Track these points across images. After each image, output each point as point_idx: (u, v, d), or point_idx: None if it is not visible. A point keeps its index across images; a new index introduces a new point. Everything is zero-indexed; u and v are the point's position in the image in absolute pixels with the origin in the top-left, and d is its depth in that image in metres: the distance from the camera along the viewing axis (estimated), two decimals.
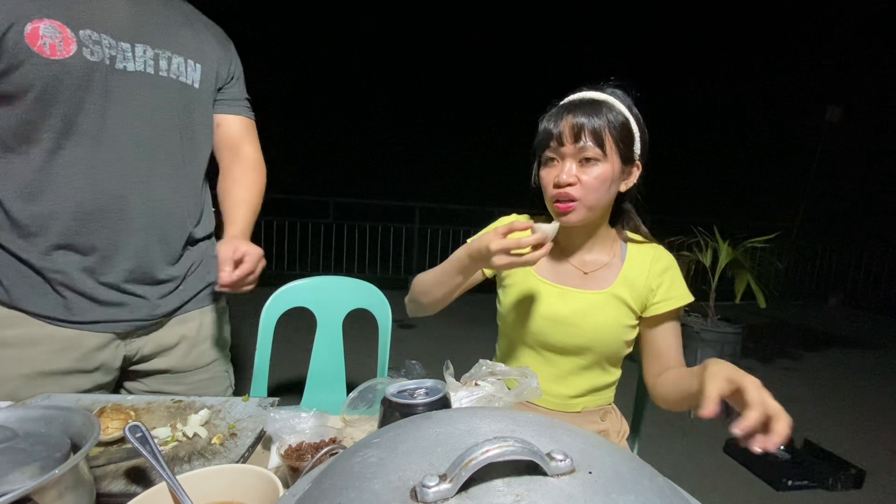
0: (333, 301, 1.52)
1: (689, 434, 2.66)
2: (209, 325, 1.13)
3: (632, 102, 0.97)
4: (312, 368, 1.51)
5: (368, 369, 1.36)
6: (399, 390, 0.64)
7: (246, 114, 1.17)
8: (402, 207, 6.47)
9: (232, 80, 1.12)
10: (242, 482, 0.54)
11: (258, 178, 1.17)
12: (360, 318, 1.57)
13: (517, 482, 0.25)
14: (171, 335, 1.06)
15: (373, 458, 0.28)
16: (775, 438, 0.64)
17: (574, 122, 0.90)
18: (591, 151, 0.90)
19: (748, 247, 2.95)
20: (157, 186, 0.97)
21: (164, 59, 0.94)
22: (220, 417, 0.87)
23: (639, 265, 1.01)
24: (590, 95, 0.95)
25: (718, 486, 2.20)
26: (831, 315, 6.21)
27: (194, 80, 1.00)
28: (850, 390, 3.47)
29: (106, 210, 0.90)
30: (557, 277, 1.03)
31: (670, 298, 0.99)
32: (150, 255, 0.97)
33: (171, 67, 0.96)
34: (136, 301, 0.97)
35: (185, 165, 1.03)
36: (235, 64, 1.13)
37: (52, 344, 0.92)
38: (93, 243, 0.91)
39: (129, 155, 0.92)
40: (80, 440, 0.55)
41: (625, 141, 0.92)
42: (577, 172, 0.91)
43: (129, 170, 0.92)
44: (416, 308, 1.11)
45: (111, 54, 0.88)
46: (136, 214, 0.93)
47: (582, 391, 1.04)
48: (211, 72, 1.04)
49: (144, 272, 0.97)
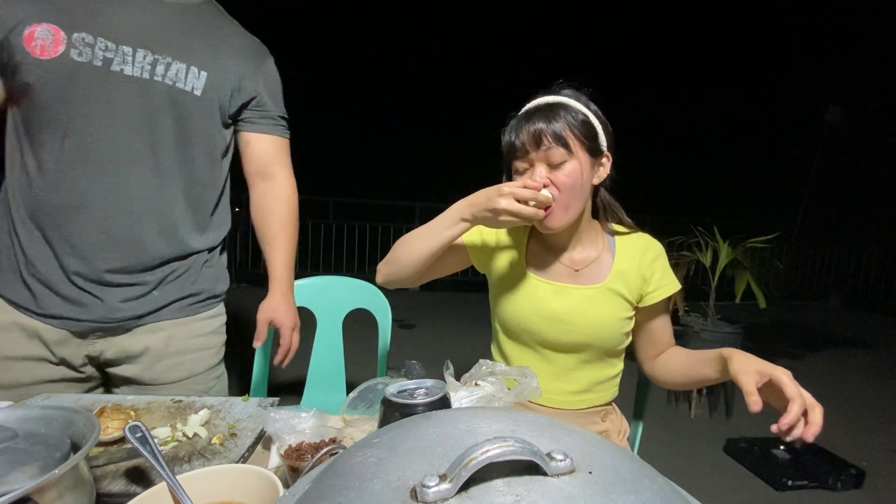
0: (333, 301, 1.52)
1: (689, 434, 2.66)
2: (181, 340, 1.04)
3: (588, 99, 0.98)
4: (312, 368, 1.51)
5: (368, 369, 1.36)
6: (399, 390, 0.64)
7: (278, 132, 1.14)
8: (402, 207, 6.48)
9: (259, 96, 1.08)
10: (242, 482, 0.54)
11: (290, 212, 1.17)
12: (360, 318, 1.57)
13: (517, 482, 0.25)
14: (136, 343, 1.00)
15: (373, 458, 0.28)
16: (814, 428, 0.68)
17: (533, 129, 0.92)
18: (557, 153, 0.91)
19: (748, 247, 2.95)
20: (135, 191, 0.95)
21: (163, 64, 0.94)
22: (220, 417, 0.87)
23: (630, 257, 1.02)
24: (546, 100, 0.97)
25: (718, 486, 2.20)
26: (831, 315, 6.21)
27: (195, 88, 0.97)
28: (850, 390, 3.47)
29: (77, 208, 0.92)
30: (551, 275, 1.04)
31: (663, 287, 1.02)
32: (114, 258, 0.95)
33: (168, 73, 0.94)
34: (93, 301, 0.95)
35: (175, 173, 0.99)
36: (268, 80, 1.10)
37: (18, 331, 0.94)
38: (65, 239, 0.92)
39: (109, 156, 0.92)
40: (80, 440, 0.55)
41: (588, 136, 0.94)
42: (546, 174, 0.93)
43: (106, 171, 0.93)
44: (391, 270, 1.04)
45: (106, 56, 0.89)
46: (104, 216, 0.93)
47: (584, 386, 1.04)
48: (223, 82, 1.01)
49: (92, 277, 0.94)
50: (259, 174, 1.15)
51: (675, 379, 1.00)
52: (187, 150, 1.00)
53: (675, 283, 1.03)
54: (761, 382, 0.74)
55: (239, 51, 1.04)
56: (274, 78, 1.12)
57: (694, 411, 2.89)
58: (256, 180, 1.15)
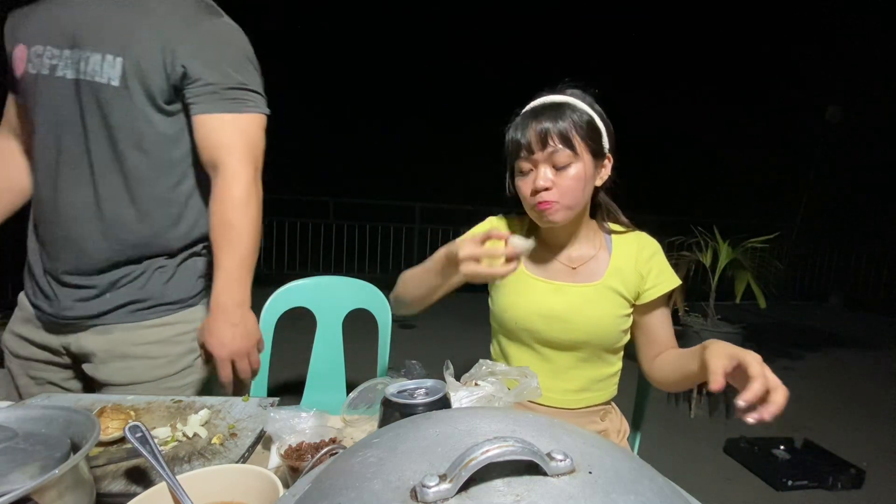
0: (333, 301, 1.52)
1: (689, 434, 2.66)
2: (126, 345, 0.98)
3: (593, 100, 0.99)
4: (312, 368, 1.51)
5: (368, 369, 1.36)
6: (399, 390, 0.64)
7: (225, 108, 0.92)
8: (402, 207, 6.48)
9: (190, 67, 0.90)
10: (242, 482, 0.54)
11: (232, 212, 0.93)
12: (360, 318, 1.57)
13: (517, 482, 0.25)
14: (90, 342, 0.98)
15: (373, 458, 0.28)
16: (772, 408, 0.67)
17: (540, 128, 0.92)
18: (563, 155, 0.91)
19: (748, 247, 2.96)
20: (73, 194, 0.93)
21: (84, 60, 0.88)
22: (220, 417, 0.86)
23: (626, 254, 1.03)
24: (551, 99, 0.97)
25: (718, 486, 2.20)
26: (831, 315, 6.21)
27: (111, 78, 0.87)
28: (850, 390, 3.47)
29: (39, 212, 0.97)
30: (548, 274, 1.05)
31: (660, 283, 1.01)
32: (67, 259, 0.96)
33: (88, 68, 0.87)
34: (53, 297, 0.98)
35: (112, 173, 0.93)
36: (200, 45, 0.90)
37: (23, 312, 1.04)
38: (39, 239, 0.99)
39: (51, 160, 0.94)
40: (80, 440, 0.55)
41: (593, 138, 0.94)
42: (551, 177, 0.93)
43: (47, 175, 0.95)
44: (399, 305, 1.08)
45: (52, 63, 0.89)
46: (53, 220, 0.95)
47: (582, 385, 1.04)
48: (144, 63, 0.88)
49: (55, 275, 0.97)
50: (209, 165, 0.95)
51: (669, 378, 0.99)
52: (115, 147, 0.92)
53: (672, 279, 1.03)
54: (730, 366, 0.73)
55: (161, 20, 0.89)
56: (211, 40, 0.91)
57: (694, 411, 2.89)
58: (210, 172, 0.96)
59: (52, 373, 1.04)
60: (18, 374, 1.05)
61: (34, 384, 1.04)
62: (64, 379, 1.05)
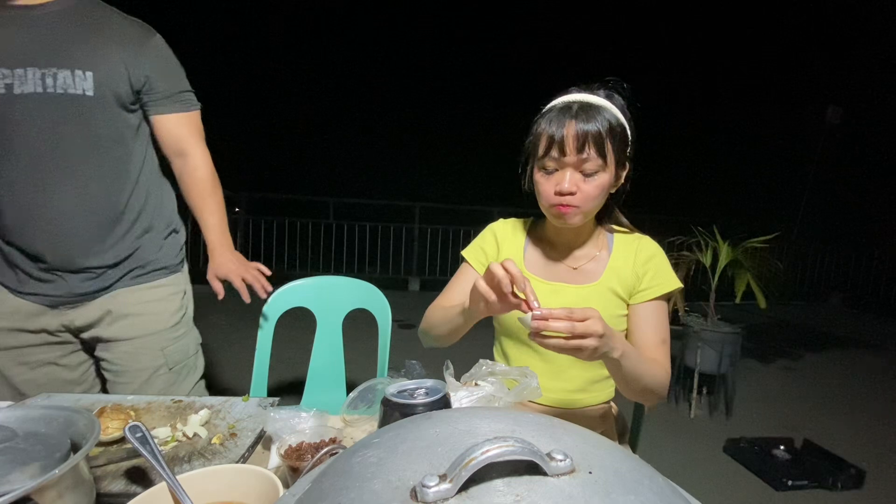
0: (333, 301, 1.52)
1: (689, 434, 2.66)
2: (133, 304, 1.19)
3: (625, 104, 0.97)
4: (312, 368, 1.51)
5: (368, 369, 1.36)
6: (399, 390, 0.64)
7: (178, 109, 1.18)
8: (402, 207, 6.48)
9: (149, 79, 1.12)
10: (242, 482, 0.54)
11: (209, 181, 1.23)
12: (360, 318, 1.57)
13: (517, 482, 0.25)
14: (97, 310, 1.17)
15: (373, 458, 0.28)
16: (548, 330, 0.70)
17: (577, 130, 0.88)
18: (594, 162, 0.89)
19: (748, 247, 2.95)
20: (66, 194, 1.08)
21: (50, 76, 1.02)
22: (220, 417, 0.87)
23: (625, 255, 1.02)
24: (587, 99, 0.93)
25: (718, 486, 2.20)
26: (831, 315, 6.21)
27: (85, 90, 1.05)
28: (850, 390, 3.47)
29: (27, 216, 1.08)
30: (548, 274, 1.05)
31: (654, 286, 0.99)
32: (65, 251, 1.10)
33: (58, 83, 1.03)
34: (60, 281, 1.12)
35: (96, 171, 1.10)
36: (153, 60, 1.12)
37: (5, 306, 1.14)
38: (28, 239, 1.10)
39: (35, 167, 1.06)
40: (80, 440, 0.55)
41: (621, 147, 0.93)
42: (577, 181, 0.91)
43: (35, 181, 1.06)
44: (427, 340, 1.09)
45: (6, 82, 1.02)
46: (47, 221, 1.08)
47: (581, 385, 1.04)
48: (110, 76, 1.07)
49: (63, 263, 1.11)
50: (173, 153, 1.22)
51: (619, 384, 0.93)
52: (98, 148, 1.10)
53: (668, 283, 0.99)
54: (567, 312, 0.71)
55: (120, 41, 1.08)
56: (161, 55, 1.15)
57: (694, 411, 2.89)
58: (174, 159, 1.23)
59: (49, 353, 1.18)
60: (9, 366, 1.16)
61: (28, 369, 1.17)
62: (61, 356, 1.19)
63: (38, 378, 1.17)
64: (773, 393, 3.26)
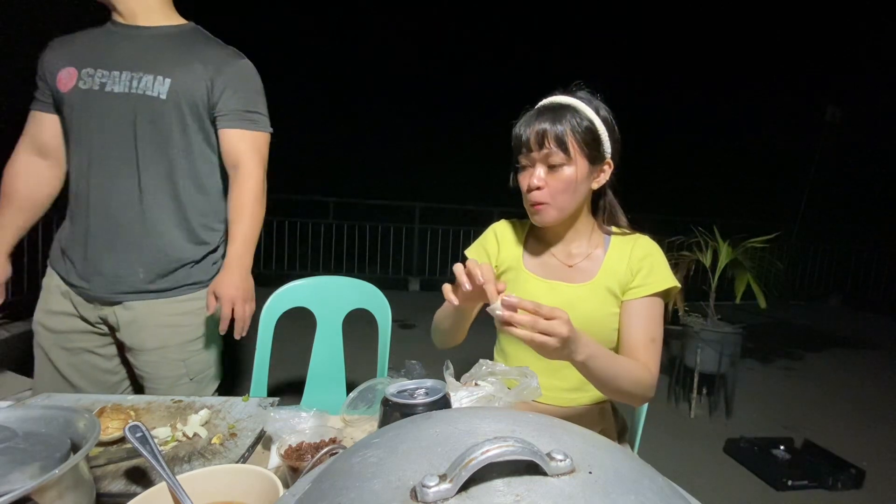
0: (333, 301, 1.52)
1: (689, 434, 2.66)
2: (148, 315, 1.22)
3: (600, 104, 0.99)
4: (312, 368, 1.51)
5: (368, 369, 1.36)
6: (399, 390, 0.64)
7: (244, 126, 1.23)
8: (402, 207, 6.47)
9: (225, 94, 1.20)
10: (242, 482, 0.54)
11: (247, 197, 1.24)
12: (360, 318, 1.57)
13: (517, 482, 0.25)
14: (126, 315, 1.22)
15: (373, 458, 0.28)
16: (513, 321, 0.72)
17: (538, 128, 0.94)
18: (556, 157, 0.94)
19: (748, 247, 2.95)
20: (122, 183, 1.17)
21: (137, 78, 1.15)
22: (220, 417, 0.87)
23: (620, 254, 1.03)
24: (557, 100, 0.99)
25: (718, 486, 2.20)
26: (831, 315, 6.21)
27: (160, 93, 1.15)
28: (850, 390, 3.47)
29: (81, 207, 1.18)
30: (544, 272, 1.06)
31: (647, 283, 0.99)
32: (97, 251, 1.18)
33: (141, 84, 1.15)
34: (97, 280, 1.20)
35: (155, 166, 1.18)
36: (233, 78, 1.21)
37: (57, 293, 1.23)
38: (82, 228, 1.19)
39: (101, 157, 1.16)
40: (80, 440, 0.55)
41: (590, 143, 0.95)
42: (545, 176, 0.95)
43: (96, 175, 1.17)
44: (436, 336, 1.13)
45: (102, 81, 1.15)
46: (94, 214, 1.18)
47: (577, 383, 1.04)
48: (187, 85, 1.17)
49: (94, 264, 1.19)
50: (230, 165, 1.25)
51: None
52: (157, 148, 1.18)
53: (663, 282, 0.99)
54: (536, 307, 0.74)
55: (206, 59, 1.19)
56: (242, 75, 1.23)
57: (694, 411, 2.89)
58: (230, 171, 1.26)
59: (89, 341, 1.25)
60: (51, 348, 1.23)
61: (69, 354, 1.24)
62: (99, 346, 1.26)
63: (78, 364, 1.24)
64: (773, 393, 3.27)
